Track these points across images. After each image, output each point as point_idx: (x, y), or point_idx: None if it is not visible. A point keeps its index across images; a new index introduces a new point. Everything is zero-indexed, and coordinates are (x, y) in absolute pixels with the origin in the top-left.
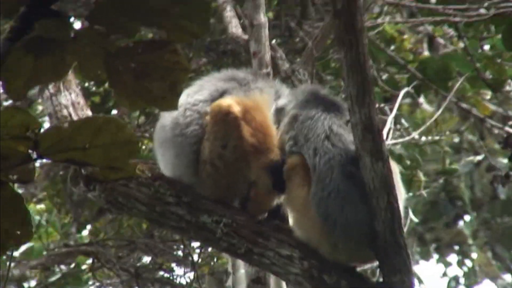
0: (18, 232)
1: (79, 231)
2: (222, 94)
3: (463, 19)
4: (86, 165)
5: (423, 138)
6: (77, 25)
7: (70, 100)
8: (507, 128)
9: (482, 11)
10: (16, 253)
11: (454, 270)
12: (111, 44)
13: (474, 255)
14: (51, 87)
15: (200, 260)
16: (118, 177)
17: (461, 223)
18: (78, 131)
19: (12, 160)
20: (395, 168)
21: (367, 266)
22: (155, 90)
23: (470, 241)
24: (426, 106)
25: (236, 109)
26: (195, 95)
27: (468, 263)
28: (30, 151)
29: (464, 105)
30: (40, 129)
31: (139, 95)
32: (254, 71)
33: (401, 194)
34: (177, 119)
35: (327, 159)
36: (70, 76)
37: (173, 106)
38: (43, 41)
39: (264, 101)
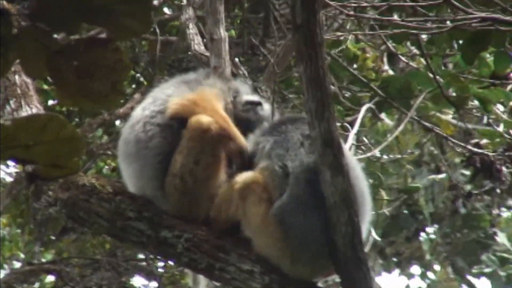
0: None
1: (44, 250)
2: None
3: (422, 32)
4: (30, 162)
5: (385, 157)
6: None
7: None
8: (469, 147)
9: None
10: None
11: (417, 282)
12: (54, 42)
13: (436, 267)
14: (12, 103)
15: (163, 279)
16: (61, 174)
17: (423, 235)
18: (21, 128)
19: None
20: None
21: (329, 278)
22: (98, 89)
23: (429, 257)
24: (387, 120)
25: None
26: (150, 107)
27: (431, 275)
28: None
29: (426, 124)
30: None
31: (82, 94)
32: (206, 71)
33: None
34: (139, 134)
35: (298, 164)
36: (32, 91)
37: (115, 105)
38: None
39: (213, 94)
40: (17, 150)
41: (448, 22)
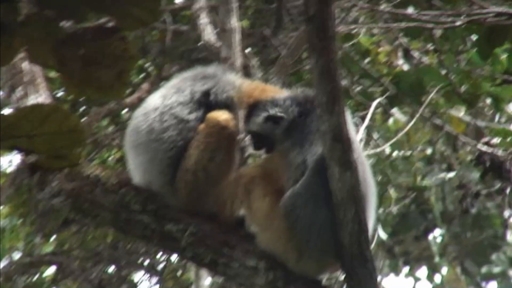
0: None
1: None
2: (205, 95)
3: (437, 26)
4: (31, 152)
5: (395, 153)
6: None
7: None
8: (479, 146)
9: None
10: None
11: (424, 285)
12: (60, 30)
13: (444, 269)
14: (18, 90)
15: (165, 272)
16: (62, 165)
17: (431, 236)
18: (24, 118)
19: None
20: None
21: (333, 275)
22: (103, 78)
23: (437, 259)
24: (399, 116)
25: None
26: (172, 97)
27: (438, 277)
28: None
29: (437, 121)
30: None
31: (87, 83)
32: (221, 66)
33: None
34: (153, 123)
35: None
36: (40, 79)
37: (120, 95)
38: None
39: None
40: (19, 140)
41: (463, 17)
